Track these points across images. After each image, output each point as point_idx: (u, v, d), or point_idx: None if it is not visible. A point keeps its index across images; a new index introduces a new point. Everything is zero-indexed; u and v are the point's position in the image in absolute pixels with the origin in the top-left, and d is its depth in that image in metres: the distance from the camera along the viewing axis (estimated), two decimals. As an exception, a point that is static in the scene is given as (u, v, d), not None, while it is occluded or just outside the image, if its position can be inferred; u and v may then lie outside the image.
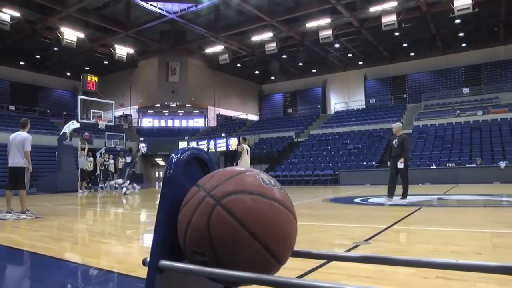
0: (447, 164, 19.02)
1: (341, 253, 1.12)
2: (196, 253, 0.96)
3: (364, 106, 34.35)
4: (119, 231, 5.06)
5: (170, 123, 38.30)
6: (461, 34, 29.18)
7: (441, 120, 24.99)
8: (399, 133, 8.43)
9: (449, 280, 2.33)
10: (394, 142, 8.47)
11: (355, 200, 9.28)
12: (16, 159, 7.13)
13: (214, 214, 0.93)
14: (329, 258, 3.07)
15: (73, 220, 6.55)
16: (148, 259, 1.02)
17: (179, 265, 0.98)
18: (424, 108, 29.50)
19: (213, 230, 0.92)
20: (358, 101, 35.05)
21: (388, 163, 8.91)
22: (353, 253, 1.09)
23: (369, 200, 9.04)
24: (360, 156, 22.56)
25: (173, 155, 1.09)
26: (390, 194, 8.38)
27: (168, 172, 1.06)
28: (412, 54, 33.18)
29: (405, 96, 33.81)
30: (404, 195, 8.42)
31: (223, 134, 32.10)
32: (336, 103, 36.37)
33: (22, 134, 7.34)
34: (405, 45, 31.28)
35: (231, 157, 29.24)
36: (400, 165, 8.37)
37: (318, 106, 36.90)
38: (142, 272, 2.70)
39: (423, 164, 19.54)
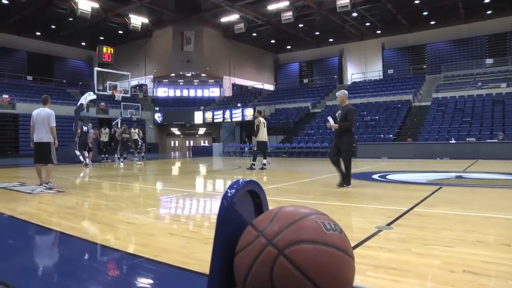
0: (467, 139, 18.70)
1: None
2: None
3: (381, 77, 33.73)
4: (140, 209, 5.13)
5: (185, 93, 38.32)
6: (486, 1, 28.03)
7: (462, 92, 24.40)
8: (343, 104, 7.03)
9: (477, 276, 2.30)
10: (337, 114, 7.10)
11: (373, 176, 9.21)
12: (41, 135, 7.32)
13: (278, 265, 0.92)
14: (355, 246, 3.07)
15: (94, 195, 6.67)
16: None
17: None
18: (444, 79, 28.79)
19: (277, 282, 0.91)
20: (375, 72, 34.40)
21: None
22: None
23: (388, 177, 8.97)
24: (377, 129, 22.33)
25: (227, 189, 1.07)
26: (349, 182, 6.99)
27: (223, 205, 1.04)
28: (432, 22, 32.11)
29: (424, 66, 33.00)
30: (345, 181, 6.94)
31: (238, 104, 32.02)
32: (353, 74, 35.77)
33: (45, 110, 7.52)
34: (425, 13, 30.25)
35: (247, 127, 29.31)
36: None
37: (335, 77, 36.37)
38: (167, 257, 2.75)
39: (442, 138, 19.26)
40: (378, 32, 34.89)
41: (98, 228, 3.92)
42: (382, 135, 21.22)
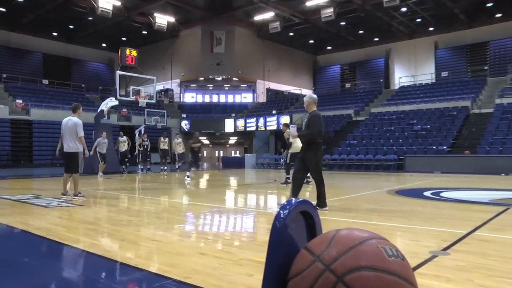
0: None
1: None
2: None
3: (434, 80, 33.00)
4: (166, 225, 5.22)
5: (215, 98, 38.77)
6: None
7: (531, 97, 23.53)
8: (310, 109, 6.59)
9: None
10: (304, 122, 6.66)
11: (425, 193, 9.01)
12: (70, 144, 7.99)
13: None
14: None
15: (115, 209, 6.84)
16: None
17: None
18: (510, 82, 27.85)
19: None
20: (427, 75, 33.69)
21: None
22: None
23: (442, 195, 8.75)
24: (428, 139, 21.83)
25: (280, 211, 1.10)
26: (324, 204, 6.26)
27: (276, 227, 1.07)
28: (498, 15, 30.95)
29: (485, 67, 32.03)
30: (321, 203, 6.25)
31: (273, 111, 32.09)
32: (401, 77, 35.17)
33: (72, 120, 8.09)
34: (489, 4, 29.28)
35: (282, 137, 29.28)
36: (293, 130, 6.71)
37: (381, 80, 35.91)
38: (198, 279, 2.79)
39: (507, 151, 18.57)
40: (431, 29, 34.21)
41: (121, 245, 4.02)
42: (434, 147, 20.72)
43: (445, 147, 20.51)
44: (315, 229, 1.21)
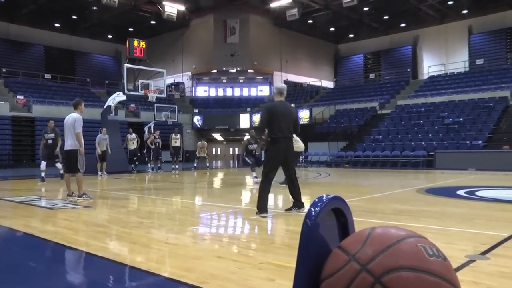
0: None
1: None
2: None
3: (467, 69, 32.58)
4: (179, 227, 5.25)
5: (229, 92, 38.86)
6: None
7: None
8: (278, 98, 6.36)
9: None
10: None
11: (459, 192, 8.90)
12: (68, 142, 8.10)
13: None
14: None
15: (125, 210, 6.90)
16: None
17: None
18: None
19: None
20: (459, 63, 33.24)
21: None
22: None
23: (477, 194, 8.63)
24: (461, 133, 21.55)
25: (311, 207, 1.10)
26: (261, 209, 5.95)
27: (307, 225, 1.07)
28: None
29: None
30: (259, 206, 5.98)
31: (292, 105, 32.00)
32: (430, 66, 34.80)
33: (73, 116, 8.21)
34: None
35: (302, 132, 29.18)
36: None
37: (408, 70, 35.59)
38: (216, 284, 2.79)
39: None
40: (464, 12, 33.64)
41: (132, 249, 4.05)
42: (468, 142, 20.44)
43: (480, 142, 20.21)
44: (347, 228, 1.21)
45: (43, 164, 12.90)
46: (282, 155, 6.10)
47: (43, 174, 12.59)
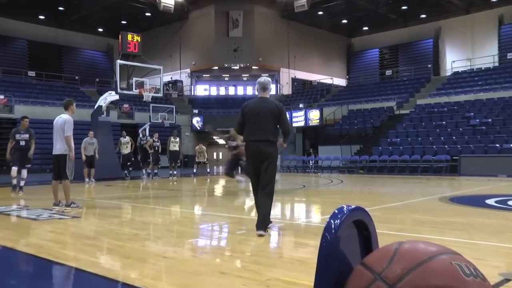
0: None
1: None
2: None
3: (497, 64, 32.44)
4: (177, 239, 5.22)
5: (231, 91, 38.91)
6: None
7: None
8: (261, 94, 6.17)
9: None
10: None
11: (488, 201, 8.83)
12: (57, 146, 8.02)
13: None
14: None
15: (117, 221, 6.88)
16: None
17: None
18: None
19: None
20: (488, 57, 33.08)
21: None
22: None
23: (510, 203, 8.56)
24: (490, 136, 21.46)
25: (330, 220, 1.08)
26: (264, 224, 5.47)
27: (327, 239, 1.05)
28: None
29: None
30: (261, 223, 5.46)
31: (300, 105, 32.05)
32: (454, 61, 34.70)
33: (62, 117, 8.14)
34: None
35: (312, 135, 29.25)
36: None
37: (429, 66, 35.52)
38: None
39: None
40: (493, 0, 33.55)
41: (126, 263, 4.02)
42: (497, 145, 20.34)
43: (511, 145, 20.15)
44: (370, 242, 1.17)
45: (14, 170, 11.58)
46: (255, 162, 5.73)
47: (14, 182, 11.59)
